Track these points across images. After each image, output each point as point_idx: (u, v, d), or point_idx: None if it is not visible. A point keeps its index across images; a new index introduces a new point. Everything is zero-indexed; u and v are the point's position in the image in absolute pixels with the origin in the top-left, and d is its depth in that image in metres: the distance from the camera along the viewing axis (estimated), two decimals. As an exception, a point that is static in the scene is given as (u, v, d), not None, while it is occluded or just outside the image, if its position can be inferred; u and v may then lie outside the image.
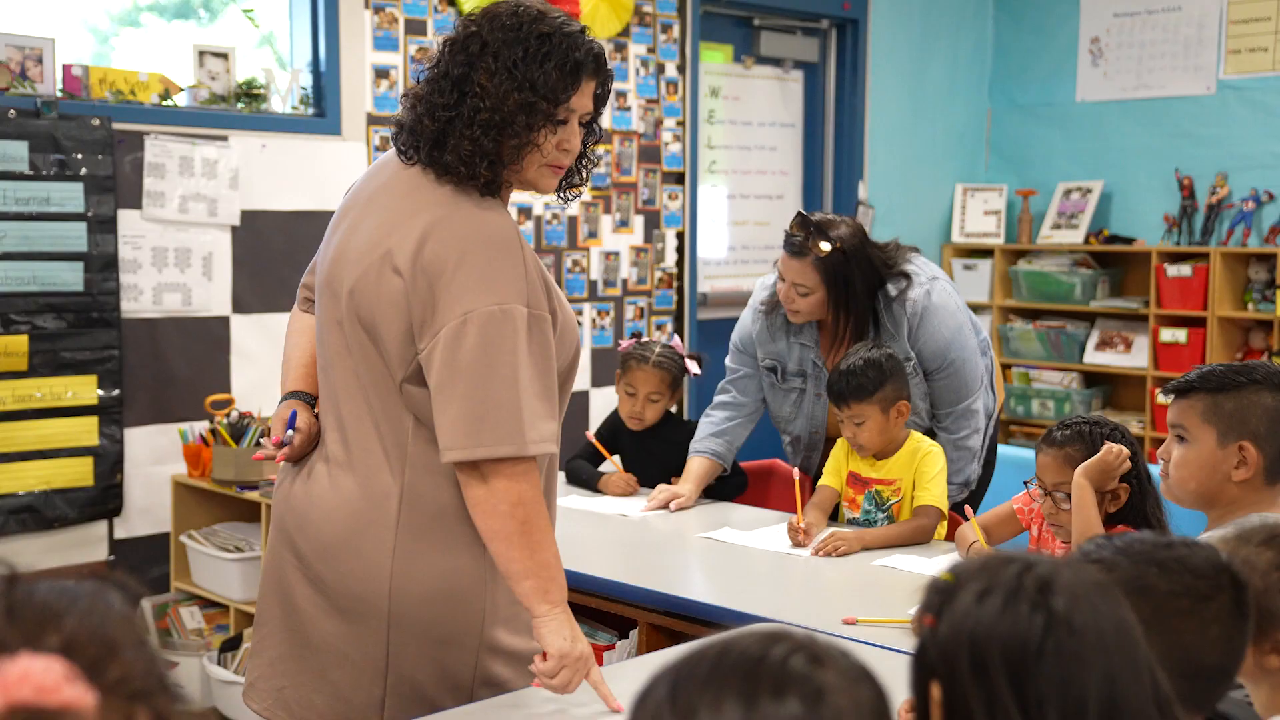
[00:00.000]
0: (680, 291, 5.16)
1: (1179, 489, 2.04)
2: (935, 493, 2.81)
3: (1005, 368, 5.87)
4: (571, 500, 3.15)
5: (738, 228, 5.56)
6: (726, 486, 3.25)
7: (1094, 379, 5.73)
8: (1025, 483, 2.58)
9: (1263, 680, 1.42)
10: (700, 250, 5.33)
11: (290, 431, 1.93)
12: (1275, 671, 1.40)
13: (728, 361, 3.29)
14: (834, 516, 2.96)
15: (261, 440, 2.04)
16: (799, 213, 3.07)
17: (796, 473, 2.87)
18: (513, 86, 1.78)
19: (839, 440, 2.97)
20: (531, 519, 1.77)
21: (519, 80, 1.78)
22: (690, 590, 2.52)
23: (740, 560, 2.69)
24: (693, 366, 3.28)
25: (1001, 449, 3.45)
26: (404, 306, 1.78)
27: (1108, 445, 2.36)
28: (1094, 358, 5.66)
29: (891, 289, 3.04)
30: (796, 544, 2.75)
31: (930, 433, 3.09)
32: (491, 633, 1.87)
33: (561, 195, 1.96)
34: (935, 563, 2.63)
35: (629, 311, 4.98)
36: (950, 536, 2.83)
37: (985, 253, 5.98)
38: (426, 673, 1.85)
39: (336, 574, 1.86)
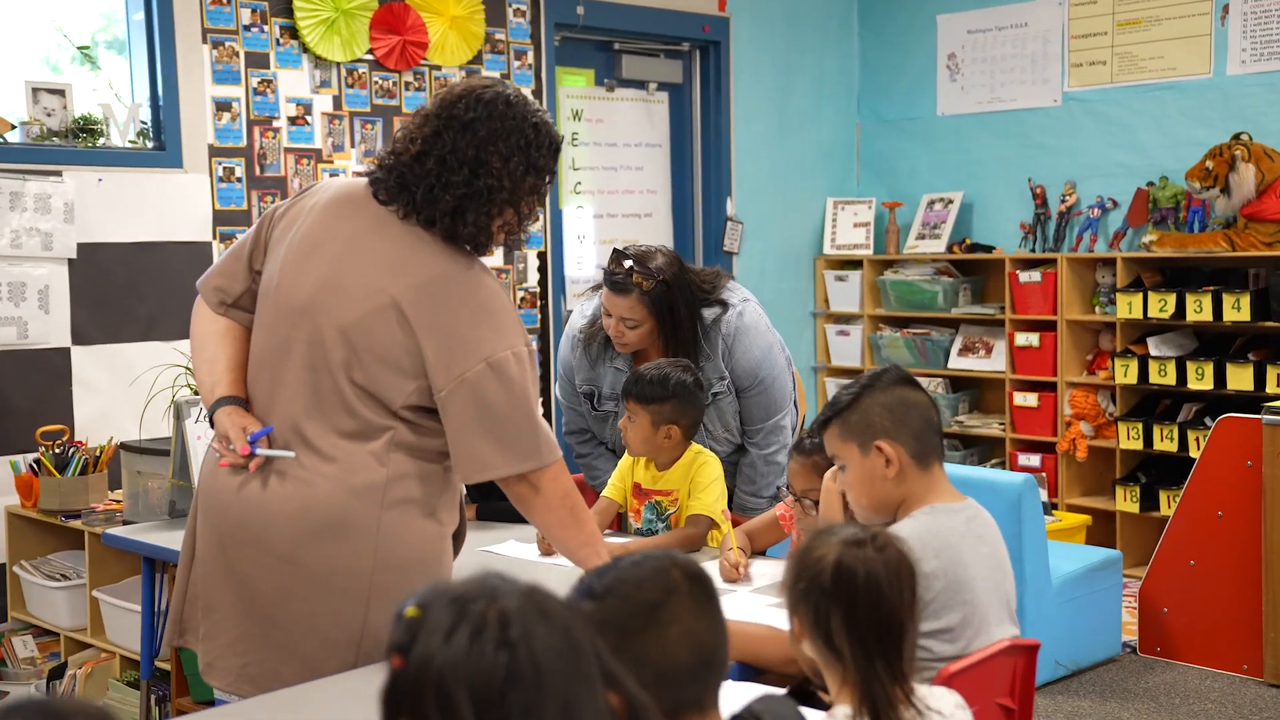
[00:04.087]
0: (544, 310, 5.26)
1: (859, 510, 2.12)
2: (707, 501, 2.90)
3: (876, 376, 6.00)
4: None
5: (606, 246, 5.66)
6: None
7: (959, 383, 5.87)
8: (778, 488, 2.68)
9: (813, 664, 1.51)
10: (568, 269, 5.44)
11: (271, 445, 2.16)
12: (810, 657, 1.50)
13: (561, 396, 3.34)
14: (623, 527, 3.06)
15: (215, 445, 2.21)
16: (615, 250, 3.15)
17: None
18: (524, 170, 2.17)
19: (624, 455, 3.07)
20: (576, 505, 2.25)
21: (527, 164, 2.17)
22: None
23: (518, 573, 2.73)
24: None
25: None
26: (413, 351, 2.11)
27: None
28: (957, 363, 5.80)
29: (707, 315, 3.15)
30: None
31: (741, 449, 3.20)
32: None
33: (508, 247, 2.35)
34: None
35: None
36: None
37: (855, 264, 6.12)
38: None
39: (319, 558, 2.12)
